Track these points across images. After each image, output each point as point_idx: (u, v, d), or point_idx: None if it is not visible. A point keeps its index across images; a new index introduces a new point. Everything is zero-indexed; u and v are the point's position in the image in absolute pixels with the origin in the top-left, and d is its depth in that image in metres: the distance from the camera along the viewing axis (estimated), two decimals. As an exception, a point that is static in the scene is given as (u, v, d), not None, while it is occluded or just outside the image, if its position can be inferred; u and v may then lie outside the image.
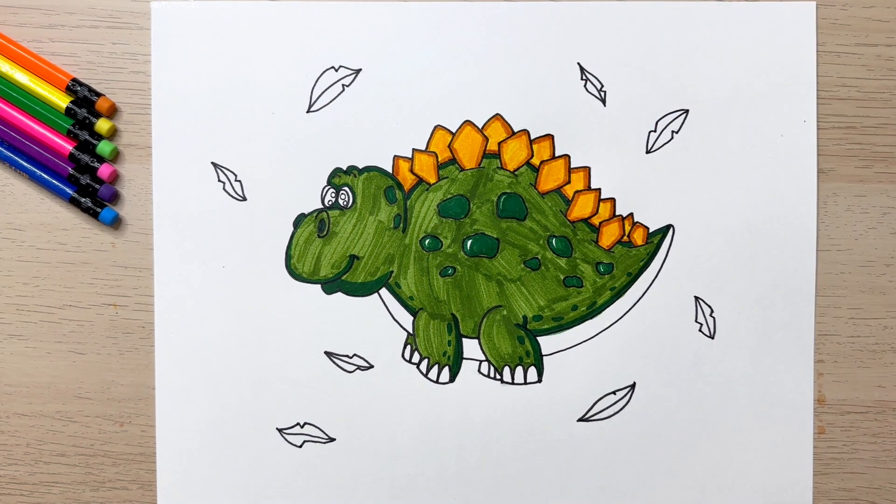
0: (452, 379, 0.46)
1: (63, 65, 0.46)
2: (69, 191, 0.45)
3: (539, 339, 0.45)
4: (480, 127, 0.45)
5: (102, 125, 0.45)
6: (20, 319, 0.46)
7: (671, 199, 0.45)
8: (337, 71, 0.45)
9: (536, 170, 0.45)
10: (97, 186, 0.45)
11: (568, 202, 0.45)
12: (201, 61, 0.45)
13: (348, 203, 0.45)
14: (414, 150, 0.45)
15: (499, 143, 0.45)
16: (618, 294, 0.45)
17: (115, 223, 0.46)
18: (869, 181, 0.46)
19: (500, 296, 0.45)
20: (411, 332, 0.45)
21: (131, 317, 0.46)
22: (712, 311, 0.45)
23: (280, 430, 0.46)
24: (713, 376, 0.45)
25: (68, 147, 0.45)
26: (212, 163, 0.45)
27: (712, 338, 0.45)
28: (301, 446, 0.46)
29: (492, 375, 0.45)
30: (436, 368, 0.45)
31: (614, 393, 0.45)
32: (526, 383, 0.45)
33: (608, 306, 0.45)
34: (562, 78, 0.45)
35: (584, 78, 0.45)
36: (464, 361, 0.46)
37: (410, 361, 0.45)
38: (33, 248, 0.46)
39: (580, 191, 0.45)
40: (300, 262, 0.45)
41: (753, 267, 0.45)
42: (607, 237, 0.45)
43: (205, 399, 0.45)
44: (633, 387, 0.45)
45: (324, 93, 0.45)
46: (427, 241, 0.45)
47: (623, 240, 0.45)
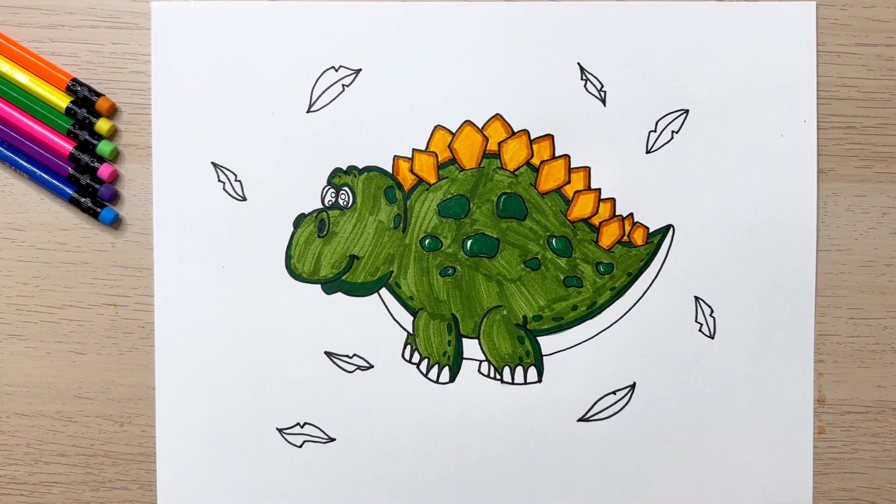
0: (452, 379, 0.46)
1: (63, 65, 0.46)
2: (69, 191, 0.45)
3: (539, 339, 0.45)
4: (480, 127, 0.45)
5: (102, 125, 0.45)
6: (20, 319, 0.46)
7: (671, 199, 0.45)
8: (337, 71, 0.45)
9: (536, 170, 0.45)
10: (97, 186, 0.45)
11: (568, 202, 0.45)
12: (201, 61, 0.45)
13: (348, 203, 0.45)
14: (414, 150, 0.45)
15: (499, 143, 0.45)
16: (618, 294, 0.45)
17: (115, 223, 0.46)
18: (869, 181, 0.46)
19: (500, 296, 0.45)
20: (411, 332, 0.45)
21: (131, 317, 0.46)
22: (712, 311, 0.45)
23: (280, 430, 0.46)
24: (713, 376, 0.45)
25: (68, 147, 0.45)
26: (212, 163, 0.45)
27: (712, 338, 0.45)
28: (301, 446, 0.46)
29: (492, 375, 0.45)
30: (436, 368, 0.45)
31: (614, 393, 0.45)
32: (526, 383, 0.45)
33: (608, 306, 0.45)
34: (562, 78, 0.45)
35: (584, 78, 0.45)
36: (464, 361, 0.46)
37: (410, 361, 0.45)
38: (33, 248, 0.46)
39: (580, 191, 0.45)
40: (300, 262, 0.45)
41: (753, 267, 0.45)
42: (607, 237, 0.45)
43: (205, 399, 0.45)
44: (633, 387, 0.45)
45: (324, 93, 0.45)
46: (427, 241, 0.45)
47: (623, 240, 0.45)
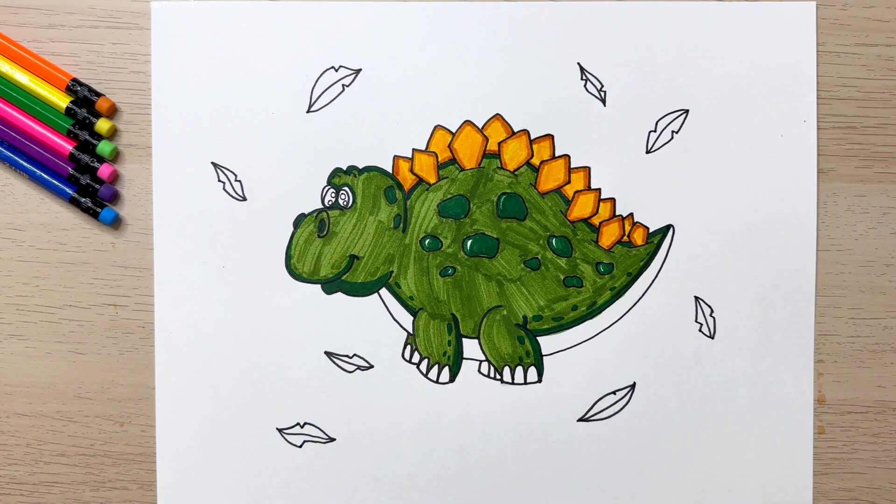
0: (452, 379, 0.46)
1: (63, 65, 0.46)
2: (69, 191, 0.45)
3: (539, 339, 0.45)
4: (480, 127, 0.45)
5: (102, 125, 0.45)
6: (20, 319, 0.46)
7: (671, 199, 0.45)
8: (337, 71, 0.45)
9: (536, 170, 0.45)
10: (97, 186, 0.45)
11: (568, 202, 0.45)
12: (201, 61, 0.45)
13: (348, 203, 0.45)
14: (414, 150, 0.45)
15: (499, 143, 0.45)
16: (618, 294, 0.45)
17: (115, 223, 0.46)
18: (869, 181, 0.46)
19: (500, 296, 0.45)
20: (411, 332, 0.45)
21: (131, 317, 0.46)
22: (712, 311, 0.45)
23: (280, 430, 0.46)
24: (713, 376, 0.45)
25: (68, 147, 0.45)
26: (212, 163, 0.45)
27: (712, 338, 0.45)
28: (301, 446, 0.46)
29: (492, 375, 0.45)
30: (436, 368, 0.45)
31: (614, 393, 0.45)
32: (526, 383, 0.45)
33: (608, 306, 0.45)
34: (562, 78, 0.45)
35: (584, 78, 0.45)
36: (464, 361, 0.46)
37: (410, 361, 0.45)
38: (33, 248, 0.46)
39: (580, 191, 0.45)
40: (300, 262, 0.45)
41: (753, 267, 0.45)
42: (607, 237, 0.45)
43: (205, 399, 0.45)
44: (633, 387, 0.45)
45: (324, 93, 0.45)
46: (427, 241, 0.45)
47: (623, 240, 0.45)
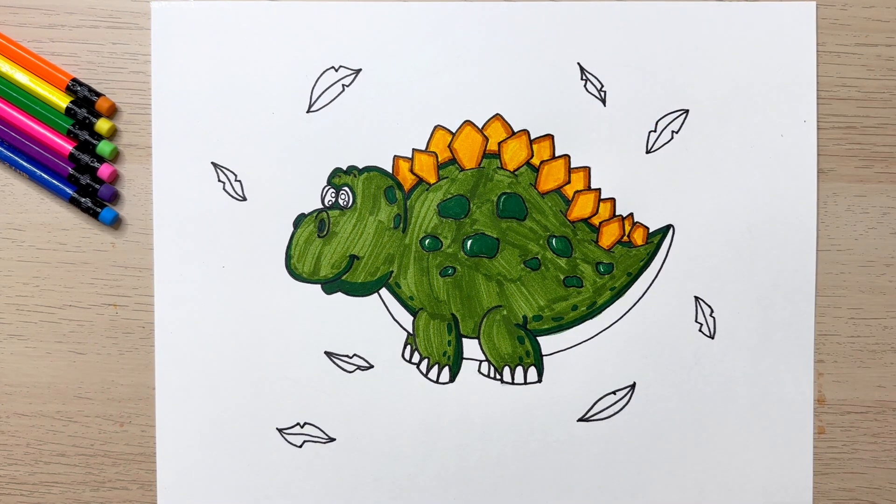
0: (452, 379, 0.46)
1: (63, 65, 0.46)
2: (69, 191, 0.45)
3: (539, 339, 0.45)
4: (480, 127, 0.45)
5: (102, 125, 0.45)
6: (20, 319, 0.46)
7: (671, 199, 0.45)
8: (337, 71, 0.45)
9: (536, 170, 0.45)
10: (97, 186, 0.45)
11: (568, 202, 0.45)
12: (201, 61, 0.45)
13: (348, 203, 0.45)
14: (414, 150, 0.45)
15: (499, 143, 0.45)
16: (618, 294, 0.45)
17: (115, 223, 0.46)
18: (869, 181, 0.46)
19: (500, 296, 0.45)
20: (411, 332, 0.45)
21: (131, 317, 0.46)
22: (712, 311, 0.45)
23: (280, 430, 0.46)
24: (713, 376, 0.45)
25: (68, 147, 0.45)
26: (212, 163, 0.45)
27: (712, 338, 0.45)
28: (301, 446, 0.46)
29: (492, 375, 0.45)
30: (436, 368, 0.45)
31: (614, 393, 0.45)
32: (526, 383, 0.45)
33: (608, 306, 0.45)
34: (562, 78, 0.45)
35: (584, 78, 0.45)
36: (464, 361, 0.46)
37: (410, 361, 0.45)
38: (33, 248, 0.46)
39: (580, 191, 0.45)
40: (300, 262, 0.45)
41: (753, 267, 0.45)
42: (607, 237, 0.45)
43: (205, 399, 0.45)
44: (633, 387, 0.45)
45: (324, 93, 0.45)
46: (427, 241, 0.45)
47: (623, 240, 0.45)
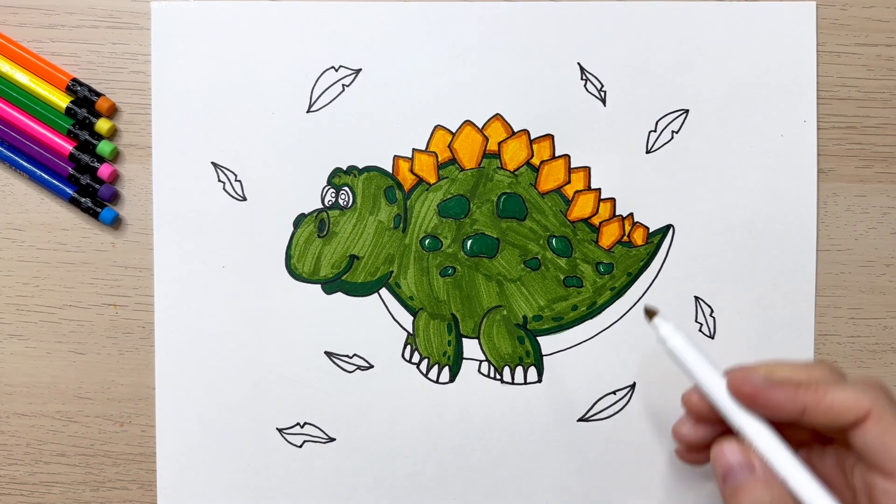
0: (452, 379, 0.46)
1: (63, 65, 0.46)
2: (69, 191, 0.45)
3: (539, 339, 0.45)
4: (480, 127, 0.45)
5: (102, 125, 0.45)
6: (20, 319, 0.46)
7: (671, 199, 0.45)
8: (337, 71, 0.45)
9: (536, 170, 0.45)
10: (97, 186, 0.45)
11: (568, 202, 0.45)
12: (201, 61, 0.45)
13: (348, 203, 0.45)
14: (414, 150, 0.45)
15: (499, 143, 0.45)
16: (618, 294, 0.45)
17: (115, 223, 0.46)
18: (869, 181, 0.46)
19: (500, 296, 0.45)
20: (411, 332, 0.45)
21: (131, 317, 0.46)
22: (712, 311, 0.45)
23: (280, 430, 0.46)
24: (713, 376, 0.45)
25: (68, 147, 0.45)
26: (212, 163, 0.45)
27: (712, 338, 0.45)
28: (301, 446, 0.46)
29: (492, 375, 0.45)
30: (436, 368, 0.45)
31: (614, 393, 0.45)
32: (526, 383, 0.45)
33: (608, 306, 0.45)
34: (562, 78, 0.45)
35: (584, 78, 0.45)
36: (464, 361, 0.45)
37: (410, 361, 0.45)
38: (33, 248, 0.46)
39: (580, 191, 0.45)
40: (300, 262, 0.45)
41: (753, 267, 0.45)
42: (607, 237, 0.45)
43: (205, 399, 0.45)
44: (633, 387, 0.45)
45: (324, 93, 0.45)
46: (427, 241, 0.45)
47: (623, 240, 0.45)
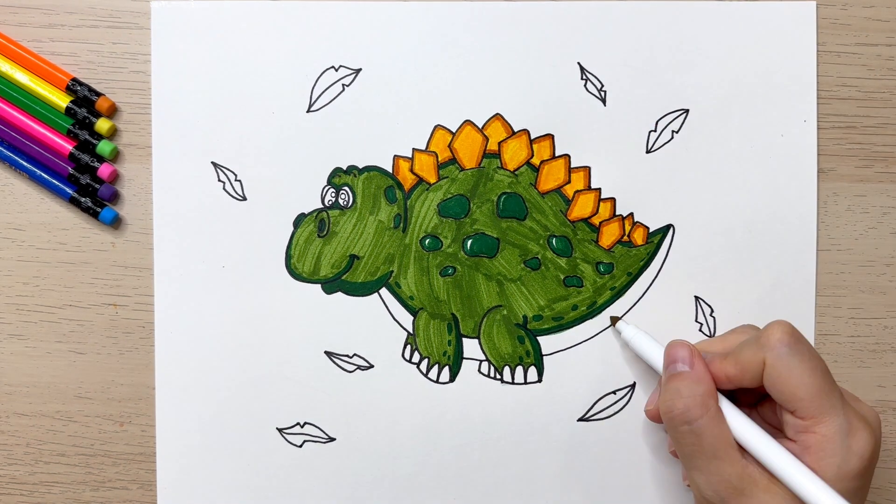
0: (452, 379, 0.46)
1: (63, 65, 0.46)
2: (69, 190, 0.45)
3: (539, 338, 0.45)
4: (480, 127, 0.45)
5: (102, 125, 0.45)
6: (20, 319, 0.46)
7: (671, 199, 0.45)
8: (337, 71, 0.45)
9: (536, 169, 0.45)
10: (97, 186, 0.45)
11: (568, 202, 0.45)
12: (201, 61, 0.45)
13: (348, 203, 0.45)
14: (414, 149, 0.45)
15: (499, 143, 0.45)
16: (618, 294, 0.45)
17: (115, 223, 0.46)
18: (869, 181, 0.46)
19: (501, 296, 0.45)
20: (411, 331, 0.45)
21: (131, 317, 0.46)
22: (712, 311, 0.45)
23: (280, 430, 0.46)
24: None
25: (68, 147, 0.45)
26: (212, 163, 0.45)
27: (712, 337, 0.45)
28: (301, 446, 0.46)
29: (492, 375, 0.45)
30: (436, 368, 0.45)
31: (614, 393, 0.45)
32: (526, 383, 0.45)
33: (608, 306, 0.45)
34: (562, 78, 0.45)
35: (584, 78, 0.45)
36: (464, 361, 0.45)
37: (410, 361, 0.45)
38: (33, 248, 0.46)
39: (580, 190, 0.45)
40: (300, 261, 0.45)
41: (753, 267, 0.45)
42: (607, 237, 0.45)
43: (205, 399, 0.45)
44: (633, 387, 0.45)
45: (324, 93, 0.45)
46: (427, 241, 0.45)
47: (623, 239, 0.45)
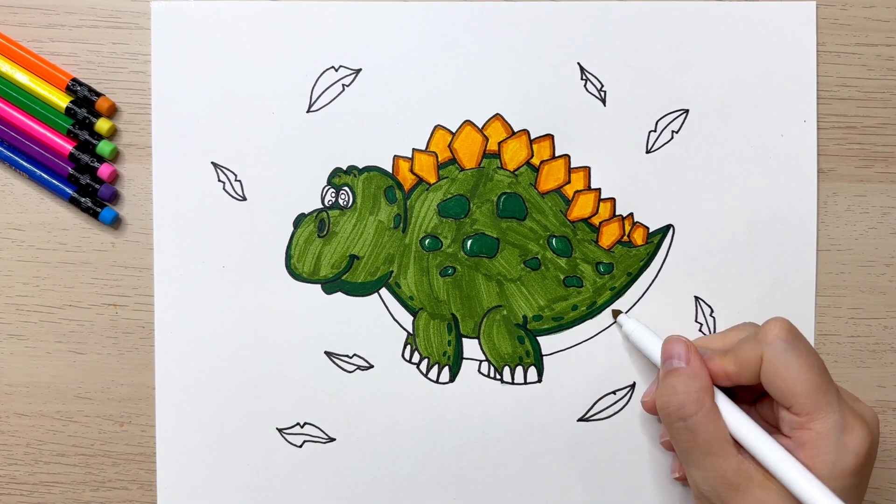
0: (452, 379, 0.46)
1: (63, 65, 0.46)
2: (69, 191, 0.45)
3: (539, 339, 0.45)
4: (480, 127, 0.45)
5: (102, 125, 0.45)
6: (20, 319, 0.46)
7: (671, 199, 0.45)
8: (337, 71, 0.45)
9: (536, 170, 0.45)
10: (97, 186, 0.45)
11: (568, 202, 0.45)
12: (201, 61, 0.45)
13: (348, 203, 0.45)
14: (414, 149, 0.45)
15: (499, 143, 0.45)
16: (618, 294, 0.45)
17: (115, 223, 0.46)
18: (869, 181, 0.46)
19: (500, 296, 0.45)
20: (411, 332, 0.45)
21: (131, 317, 0.46)
22: (712, 311, 0.45)
23: (280, 430, 0.46)
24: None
25: (68, 147, 0.45)
26: (212, 163, 0.45)
27: (712, 334, 0.45)
28: (301, 446, 0.46)
29: (492, 375, 0.45)
30: (436, 368, 0.45)
31: (614, 393, 0.45)
32: (526, 383, 0.45)
33: (608, 306, 0.45)
34: (562, 78, 0.45)
35: (584, 78, 0.45)
36: (464, 361, 0.45)
37: (410, 361, 0.45)
38: (33, 248, 0.46)
39: (580, 191, 0.45)
40: (300, 262, 0.45)
41: (753, 267, 0.45)
42: (607, 237, 0.45)
43: (205, 399, 0.45)
44: (633, 387, 0.45)
45: (324, 93, 0.45)
46: (427, 241, 0.45)
47: (623, 240, 0.45)
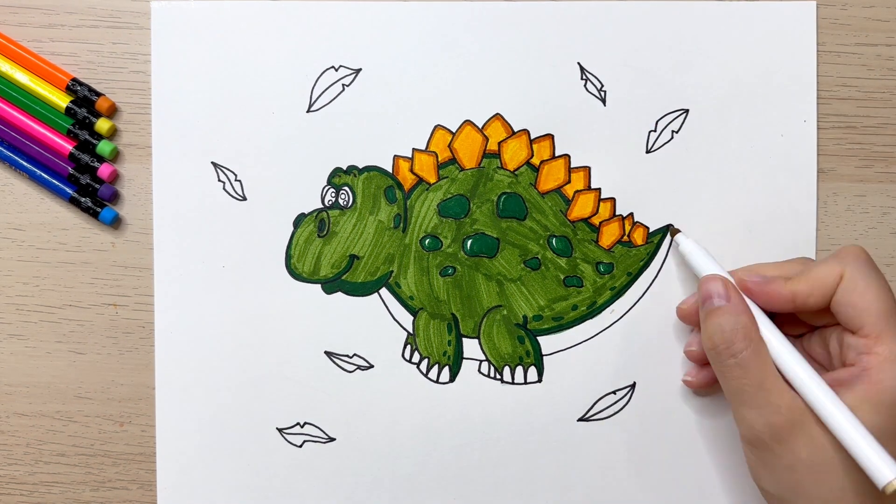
0: (452, 379, 0.46)
1: (63, 65, 0.46)
2: (69, 190, 0.45)
3: (539, 338, 0.45)
4: (480, 127, 0.45)
5: (102, 125, 0.45)
6: (20, 319, 0.46)
7: (671, 199, 0.45)
8: (337, 71, 0.45)
9: (536, 169, 0.45)
10: (97, 186, 0.45)
11: (568, 202, 0.45)
12: (201, 61, 0.45)
13: (348, 203, 0.45)
14: (414, 149, 0.45)
15: (499, 143, 0.45)
16: (618, 294, 0.45)
17: (115, 223, 0.46)
18: (869, 181, 0.46)
19: (501, 296, 0.45)
20: (411, 331, 0.45)
21: (131, 317, 0.46)
22: (712, 311, 0.45)
23: (280, 430, 0.46)
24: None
25: (68, 147, 0.45)
26: (212, 163, 0.45)
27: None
28: (301, 446, 0.46)
29: (492, 375, 0.45)
30: (436, 368, 0.45)
31: (614, 393, 0.45)
32: (526, 383, 0.45)
33: (608, 306, 0.45)
34: (562, 78, 0.45)
35: (584, 78, 0.45)
36: (464, 361, 0.45)
37: (410, 361, 0.45)
38: (33, 248, 0.46)
39: (580, 190, 0.45)
40: (300, 261, 0.45)
41: (753, 267, 0.45)
42: (607, 237, 0.45)
43: (205, 399, 0.45)
44: (633, 387, 0.45)
45: (324, 93, 0.45)
46: (427, 241, 0.45)
47: (623, 239, 0.45)
